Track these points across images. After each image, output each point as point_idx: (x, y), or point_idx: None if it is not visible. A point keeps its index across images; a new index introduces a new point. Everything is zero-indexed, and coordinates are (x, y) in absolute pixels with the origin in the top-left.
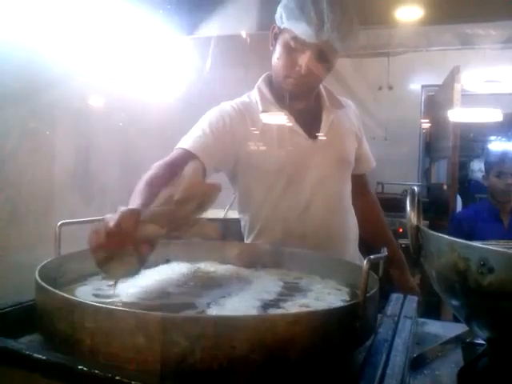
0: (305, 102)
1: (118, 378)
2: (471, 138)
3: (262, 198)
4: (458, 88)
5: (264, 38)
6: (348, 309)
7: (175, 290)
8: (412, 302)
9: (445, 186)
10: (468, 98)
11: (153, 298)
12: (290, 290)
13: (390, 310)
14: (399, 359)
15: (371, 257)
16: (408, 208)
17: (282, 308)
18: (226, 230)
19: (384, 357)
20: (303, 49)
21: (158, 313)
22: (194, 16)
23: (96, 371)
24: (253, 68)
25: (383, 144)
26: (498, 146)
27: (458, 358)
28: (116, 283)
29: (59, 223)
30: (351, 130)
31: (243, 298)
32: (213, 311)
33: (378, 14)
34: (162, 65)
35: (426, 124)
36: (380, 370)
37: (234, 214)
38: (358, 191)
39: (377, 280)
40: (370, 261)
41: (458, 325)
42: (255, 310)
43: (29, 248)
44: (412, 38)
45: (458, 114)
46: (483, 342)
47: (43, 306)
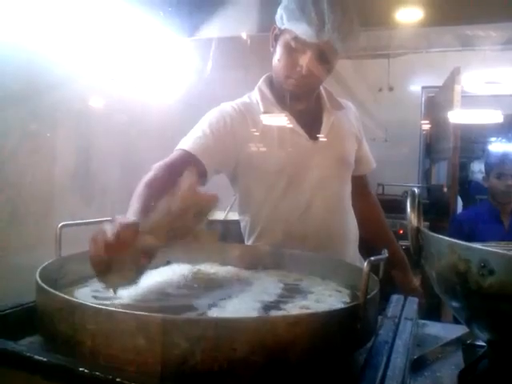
0: (305, 102)
1: (118, 379)
2: (471, 140)
3: (263, 198)
4: (458, 89)
5: (264, 39)
6: (349, 310)
7: (175, 292)
8: (412, 303)
9: (445, 189)
10: (468, 100)
11: (153, 300)
12: (291, 291)
13: (390, 311)
14: (400, 361)
15: (372, 258)
16: (408, 209)
17: (283, 310)
18: (226, 232)
19: (384, 358)
20: (304, 49)
21: (158, 314)
22: (194, 18)
23: (97, 373)
24: (253, 69)
25: (383, 145)
26: (498, 147)
27: (458, 359)
28: (115, 292)
29: (60, 225)
30: (351, 132)
31: (244, 299)
32: (213, 313)
33: (378, 16)
34: (162, 66)
35: (426, 125)
36: (381, 372)
37: (235, 216)
38: (359, 192)
39: (377, 281)
40: (370, 262)
41: (458, 326)
42: (256, 312)
43: (29, 249)
44: (412, 40)
45: (458, 116)
46: (484, 343)
47: (44, 307)
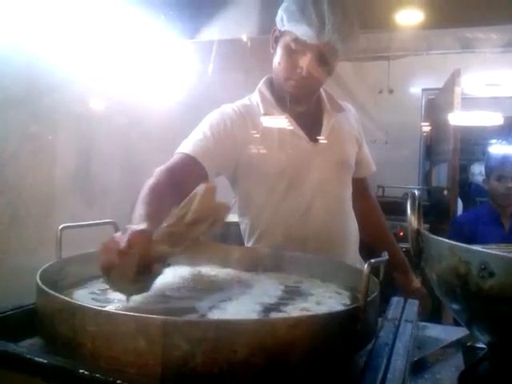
0: (306, 104)
1: (119, 381)
2: (472, 142)
3: (263, 200)
4: (458, 91)
5: (264, 41)
6: (349, 313)
7: (176, 294)
8: (413, 305)
9: (445, 191)
10: (468, 102)
11: (153, 302)
12: (291, 293)
13: (390, 313)
14: (400, 363)
15: (372, 261)
16: (409, 211)
17: (283, 312)
18: (226, 234)
19: (385, 361)
20: (304, 50)
21: (158, 316)
22: (195, 20)
23: (97, 375)
24: (253, 71)
25: (384, 147)
26: (498, 149)
27: (458, 361)
28: (128, 299)
29: (60, 227)
30: (352, 134)
31: (244, 301)
32: (214, 315)
33: (378, 18)
34: (163, 69)
35: (426, 127)
36: (381, 374)
37: (235, 218)
38: (359, 195)
39: (378, 284)
40: (370, 265)
41: (458, 328)
42: (256, 314)
43: (29, 251)
44: (412, 42)
45: (458, 118)
46: (484, 345)
47: (44, 309)
